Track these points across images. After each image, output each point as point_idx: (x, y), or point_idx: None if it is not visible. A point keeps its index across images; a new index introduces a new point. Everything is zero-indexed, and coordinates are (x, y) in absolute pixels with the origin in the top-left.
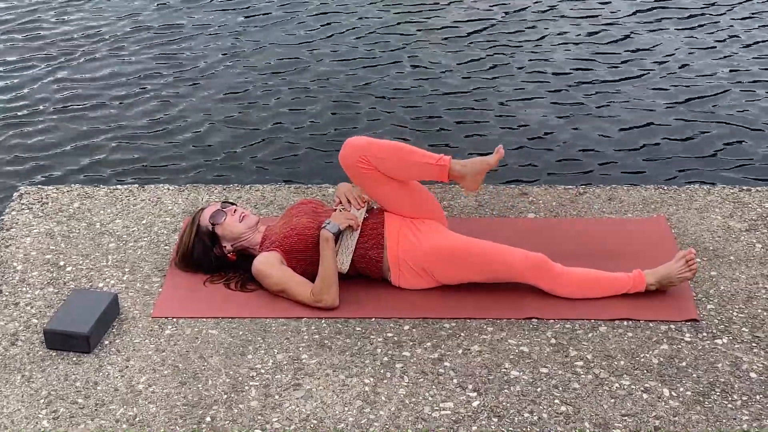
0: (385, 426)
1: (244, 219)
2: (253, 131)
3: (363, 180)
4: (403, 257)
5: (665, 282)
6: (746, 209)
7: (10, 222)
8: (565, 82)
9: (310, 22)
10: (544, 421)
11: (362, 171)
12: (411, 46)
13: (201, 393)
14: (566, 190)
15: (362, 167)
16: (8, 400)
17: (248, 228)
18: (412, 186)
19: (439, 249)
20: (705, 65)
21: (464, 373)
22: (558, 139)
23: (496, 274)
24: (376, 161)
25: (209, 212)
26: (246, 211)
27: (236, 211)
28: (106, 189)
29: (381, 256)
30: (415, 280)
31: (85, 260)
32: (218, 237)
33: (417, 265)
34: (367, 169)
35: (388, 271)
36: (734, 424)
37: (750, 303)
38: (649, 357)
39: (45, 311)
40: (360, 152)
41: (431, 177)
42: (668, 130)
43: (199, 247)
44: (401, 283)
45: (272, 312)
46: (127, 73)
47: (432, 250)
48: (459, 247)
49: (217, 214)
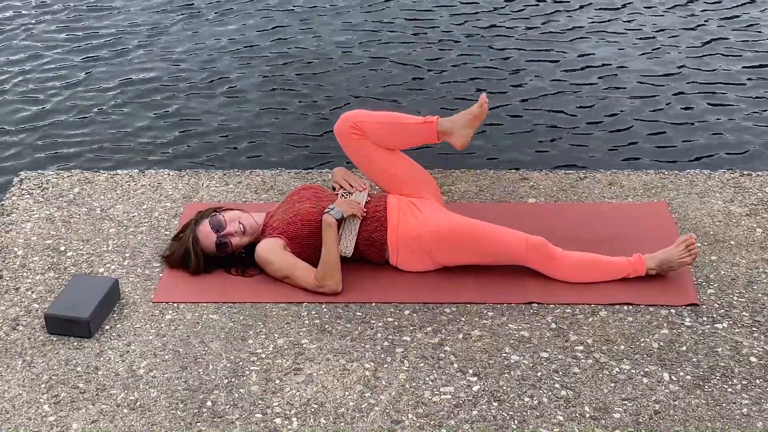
0: (386, 410)
1: (246, 230)
2: (253, 116)
3: (356, 149)
4: (402, 237)
5: (665, 266)
6: (747, 194)
7: (11, 207)
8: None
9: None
10: (545, 406)
11: (354, 139)
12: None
13: (202, 377)
14: (567, 175)
15: (354, 135)
16: (9, 385)
17: (253, 233)
18: (406, 160)
19: (440, 230)
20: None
21: (464, 357)
22: (561, 123)
23: (496, 256)
24: (367, 127)
25: (210, 241)
26: (241, 219)
27: (235, 231)
28: (107, 174)
29: (384, 238)
30: (414, 260)
31: (86, 245)
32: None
33: (416, 246)
34: (358, 136)
35: (387, 251)
36: (734, 408)
37: (750, 287)
38: (650, 341)
39: (46, 296)
40: (351, 119)
41: (422, 139)
42: (671, 115)
43: (211, 265)
44: (399, 263)
45: (273, 297)
46: (130, 63)
47: (432, 231)
48: (459, 228)
49: (221, 246)
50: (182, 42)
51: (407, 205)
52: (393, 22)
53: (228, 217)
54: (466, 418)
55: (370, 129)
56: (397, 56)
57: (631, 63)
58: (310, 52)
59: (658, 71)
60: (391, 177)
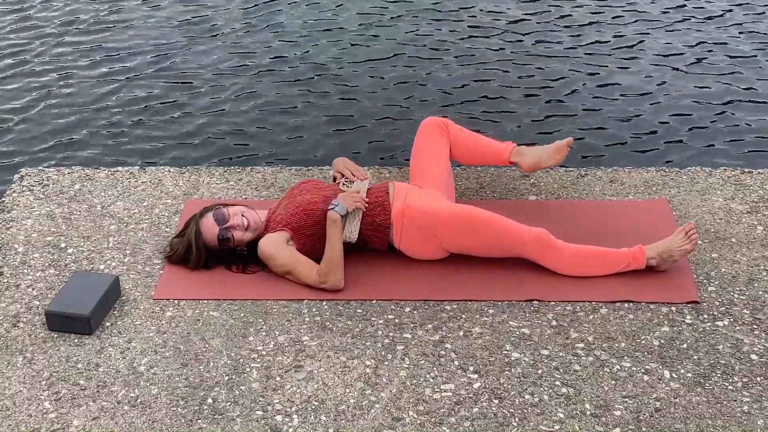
0: (386, 408)
1: (249, 225)
2: (256, 114)
3: (428, 142)
4: (408, 215)
5: (666, 256)
6: (748, 191)
7: (11, 204)
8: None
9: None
10: (545, 403)
11: (436, 133)
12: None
13: (202, 375)
14: (568, 173)
15: (440, 129)
16: (10, 382)
17: (256, 229)
18: (448, 171)
19: (446, 210)
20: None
21: (465, 354)
22: (563, 121)
23: (499, 243)
24: (454, 131)
25: (212, 234)
26: (244, 214)
27: (237, 225)
28: (107, 171)
29: (389, 221)
30: (419, 240)
31: (86, 242)
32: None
33: (422, 224)
34: (440, 133)
35: (392, 228)
36: (735, 406)
37: (751, 285)
38: (650, 339)
39: (46, 293)
40: (442, 120)
41: (494, 158)
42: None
43: (212, 260)
44: (403, 244)
45: (273, 294)
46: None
47: (438, 212)
48: (465, 210)
49: (224, 240)
50: (183, 40)
51: (415, 189)
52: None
53: (232, 211)
54: (466, 415)
55: (455, 134)
56: (396, 58)
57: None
58: (312, 49)
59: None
60: (427, 175)
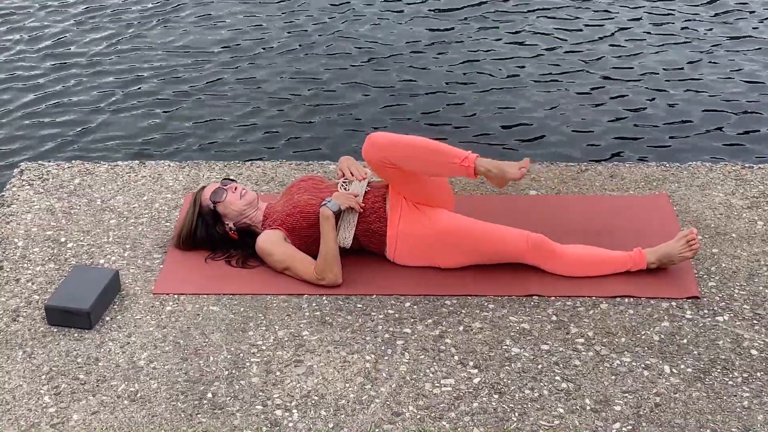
0: (386, 402)
1: (244, 196)
2: (255, 107)
3: (385, 175)
4: (402, 233)
5: (665, 260)
6: (748, 186)
7: (11, 198)
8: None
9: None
10: (545, 398)
11: (386, 169)
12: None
13: (202, 369)
14: (568, 168)
15: (386, 166)
16: (10, 376)
17: (248, 204)
18: (435, 180)
19: (440, 230)
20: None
21: (465, 349)
22: (561, 118)
23: (496, 256)
24: (400, 161)
25: (209, 191)
26: (245, 189)
27: (236, 188)
28: (107, 165)
29: (385, 229)
30: (412, 258)
31: (86, 236)
32: (220, 215)
33: (413, 243)
34: (391, 168)
35: (386, 245)
36: (735, 401)
37: (751, 280)
38: (650, 334)
39: (46, 287)
40: (383, 152)
41: (457, 175)
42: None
43: (201, 227)
44: (396, 259)
45: (273, 288)
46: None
47: (433, 231)
48: (460, 228)
49: (217, 192)
50: (183, 36)
51: (409, 211)
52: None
53: (229, 186)
54: (466, 410)
55: (403, 163)
56: (397, 56)
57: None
58: (315, 46)
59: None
60: (415, 193)
